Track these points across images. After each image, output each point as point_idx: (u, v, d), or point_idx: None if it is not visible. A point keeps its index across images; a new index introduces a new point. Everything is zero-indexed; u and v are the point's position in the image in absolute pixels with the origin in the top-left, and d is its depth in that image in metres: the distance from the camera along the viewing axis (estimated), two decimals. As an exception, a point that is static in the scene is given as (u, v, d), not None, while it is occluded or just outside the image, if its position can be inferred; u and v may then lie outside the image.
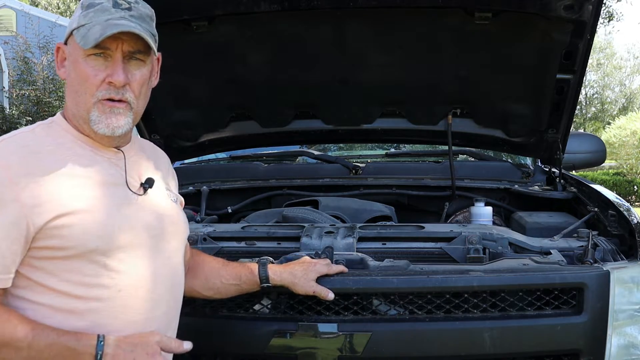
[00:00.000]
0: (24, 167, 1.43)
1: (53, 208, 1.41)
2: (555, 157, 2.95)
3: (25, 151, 1.47)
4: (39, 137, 1.52)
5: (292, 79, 2.91)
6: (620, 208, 2.37)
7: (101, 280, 1.46)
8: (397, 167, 3.46)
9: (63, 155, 1.50)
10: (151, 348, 1.43)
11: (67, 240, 1.42)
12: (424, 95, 3.00)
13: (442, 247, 2.22)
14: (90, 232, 1.44)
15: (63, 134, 1.55)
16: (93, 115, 1.51)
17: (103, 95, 1.50)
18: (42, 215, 1.40)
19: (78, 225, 1.42)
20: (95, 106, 1.51)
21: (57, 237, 1.42)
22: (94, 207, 1.46)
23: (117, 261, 1.48)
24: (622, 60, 38.62)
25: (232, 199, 3.21)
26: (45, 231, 1.41)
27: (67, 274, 1.44)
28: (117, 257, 1.48)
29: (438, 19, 2.56)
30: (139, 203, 1.57)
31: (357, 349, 1.86)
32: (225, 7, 2.50)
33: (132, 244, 1.51)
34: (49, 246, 1.42)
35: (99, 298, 1.46)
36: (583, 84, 5.83)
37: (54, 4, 26.54)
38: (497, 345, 1.88)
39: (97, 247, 1.44)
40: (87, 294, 1.45)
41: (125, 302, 1.49)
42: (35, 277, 1.44)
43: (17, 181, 1.41)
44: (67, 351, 1.38)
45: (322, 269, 1.89)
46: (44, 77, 12.87)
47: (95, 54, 1.49)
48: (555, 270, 1.97)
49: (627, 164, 15.99)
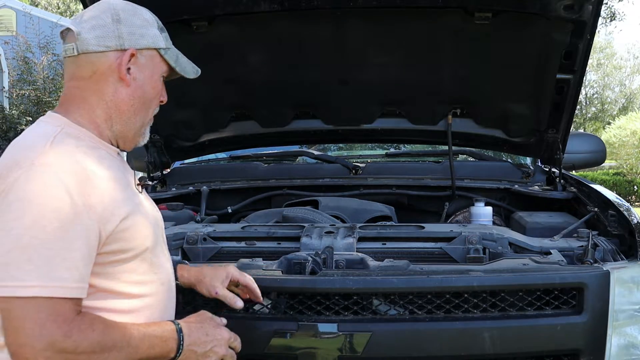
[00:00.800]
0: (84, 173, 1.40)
1: (117, 212, 1.43)
2: (555, 157, 2.95)
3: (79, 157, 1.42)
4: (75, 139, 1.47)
5: (292, 79, 2.91)
6: (620, 208, 2.37)
7: (150, 277, 1.54)
8: (397, 167, 3.46)
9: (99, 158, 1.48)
10: (214, 321, 1.63)
11: (129, 242, 1.46)
12: (424, 95, 3.00)
13: (442, 247, 2.23)
14: (144, 232, 1.51)
15: (83, 137, 1.50)
16: (147, 128, 1.64)
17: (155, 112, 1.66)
18: (110, 220, 1.41)
19: (135, 226, 1.47)
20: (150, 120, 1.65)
21: (122, 240, 1.44)
22: (136, 208, 1.51)
23: (156, 257, 1.57)
24: (622, 60, 38.62)
25: (232, 199, 3.21)
26: (113, 235, 1.42)
27: (126, 275, 1.47)
28: (156, 253, 1.57)
29: (438, 19, 2.56)
30: (144, 202, 1.62)
31: (357, 349, 1.86)
32: (225, 7, 2.50)
33: (158, 239, 1.60)
34: (114, 250, 1.43)
35: (149, 294, 1.53)
36: (583, 84, 5.84)
37: (54, 4, 26.55)
38: (497, 345, 1.88)
39: (149, 245, 1.52)
40: (141, 292, 1.51)
41: (164, 296, 1.59)
42: (97, 283, 1.42)
43: (83, 186, 1.37)
44: (156, 339, 1.47)
45: (235, 273, 1.84)
46: (44, 77, 12.85)
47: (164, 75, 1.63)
48: (555, 270, 1.97)
49: (627, 164, 15.98)
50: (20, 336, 1.29)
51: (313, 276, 1.94)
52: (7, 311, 1.30)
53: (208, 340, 1.57)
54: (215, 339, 1.59)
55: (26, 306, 1.29)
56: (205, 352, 1.56)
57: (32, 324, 1.29)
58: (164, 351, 1.49)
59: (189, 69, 1.68)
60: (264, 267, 2.01)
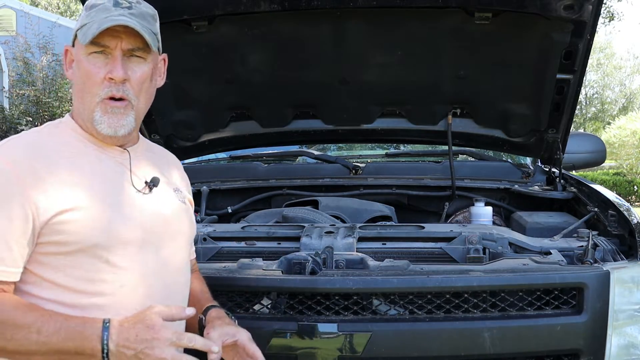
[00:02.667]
0: (29, 164, 1.46)
1: (56, 204, 1.44)
2: (555, 157, 2.95)
3: (31, 148, 1.50)
4: (45, 136, 1.57)
5: (292, 79, 2.91)
6: (620, 208, 2.37)
7: (103, 275, 1.48)
8: (397, 167, 3.46)
9: (68, 152, 1.54)
10: (150, 320, 1.42)
11: (70, 235, 1.44)
12: (424, 95, 3.00)
13: (442, 247, 2.22)
14: (91, 227, 1.46)
15: (70, 132, 1.58)
16: (96, 115, 1.54)
17: (105, 94, 1.53)
18: (46, 210, 1.43)
19: (80, 221, 1.45)
20: (99, 106, 1.54)
21: (61, 233, 1.44)
22: (95, 204, 1.48)
23: (119, 257, 1.50)
24: (622, 60, 38.64)
25: (232, 199, 3.21)
26: (49, 226, 1.44)
27: (71, 270, 1.46)
28: (119, 253, 1.50)
29: (438, 19, 2.56)
30: (143, 201, 1.59)
31: (357, 349, 1.86)
32: (225, 7, 2.50)
33: (134, 240, 1.53)
34: (53, 241, 1.45)
35: (102, 293, 1.48)
36: (583, 84, 5.83)
37: (54, 4, 26.55)
38: (497, 345, 1.88)
39: (98, 242, 1.46)
40: (90, 289, 1.47)
41: (126, 298, 1.50)
42: (41, 272, 1.46)
43: (23, 177, 1.44)
44: (75, 333, 1.39)
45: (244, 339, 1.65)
46: (43, 77, 12.86)
47: (96, 51, 1.52)
48: (555, 270, 1.97)
49: (627, 164, 15.99)
50: None
51: (313, 276, 1.94)
52: None
53: (138, 341, 1.38)
54: (145, 340, 1.39)
55: None
56: (134, 354, 1.38)
57: None
58: (85, 347, 1.38)
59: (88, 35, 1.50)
60: (264, 267, 2.00)
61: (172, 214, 1.66)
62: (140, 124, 1.68)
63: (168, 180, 1.72)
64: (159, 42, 1.62)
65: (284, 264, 2.02)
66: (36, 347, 1.39)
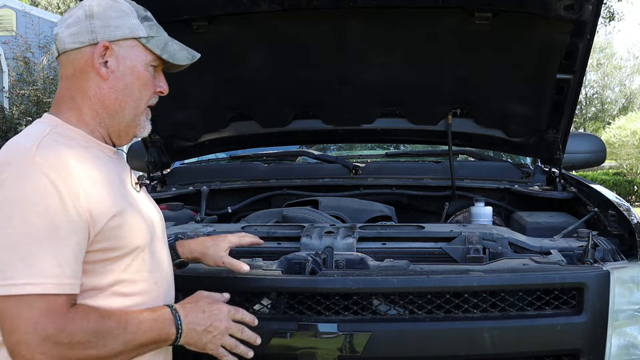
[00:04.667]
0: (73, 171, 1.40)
1: (107, 210, 1.43)
2: (555, 157, 2.95)
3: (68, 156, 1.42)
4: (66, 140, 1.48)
5: (292, 79, 2.91)
6: (620, 208, 2.37)
7: (143, 275, 1.53)
8: (397, 167, 3.46)
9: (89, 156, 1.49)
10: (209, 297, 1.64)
11: (120, 240, 1.46)
12: (424, 95, 3.00)
13: (442, 247, 2.22)
14: (135, 230, 1.50)
15: (74, 136, 1.52)
16: (142, 119, 1.62)
17: (151, 103, 1.63)
18: (99, 218, 1.41)
19: (126, 225, 1.47)
20: (145, 111, 1.62)
21: (112, 239, 1.44)
22: (129, 206, 1.51)
23: (150, 255, 1.55)
24: (622, 60, 38.60)
25: (232, 199, 3.21)
26: (103, 233, 1.43)
27: (117, 273, 1.47)
28: (150, 252, 1.56)
29: (438, 19, 2.56)
30: (141, 199, 1.63)
31: (357, 349, 1.86)
32: (225, 7, 2.50)
33: (153, 239, 1.58)
34: (104, 248, 1.44)
35: (141, 293, 1.52)
36: (583, 84, 5.83)
37: (54, 4, 26.54)
38: (497, 345, 1.88)
39: (140, 244, 1.51)
40: (133, 290, 1.50)
41: (159, 293, 1.57)
42: (87, 281, 1.43)
43: (72, 184, 1.38)
44: (153, 322, 1.47)
45: (234, 239, 1.93)
46: (44, 77, 12.86)
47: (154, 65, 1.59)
48: (555, 270, 1.97)
49: (627, 164, 16.00)
50: (15, 334, 1.30)
51: (313, 276, 1.94)
52: (2, 310, 1.31)
53: (206, 317, 1.56)
54: (212, 314, 1.58)
55: (19, 304, 1.30)
56: (205, 329, 1.55)
57: (26, 322, 1.30)
58: (163, 334, 1.49)
59: (180, 56, 1.63)
60: (264, 267, 2.00)
61: (156, 209, 1.71)
62: None
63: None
64: None
65: (284, 264, 2.02)
66: (123, 347, 1.42)
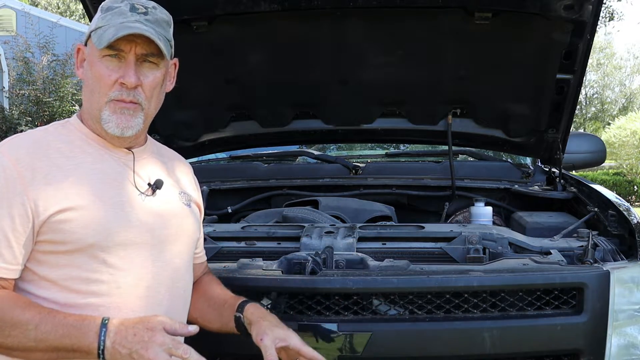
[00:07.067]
0: (30, 162, 1.48)
1: (56, 202, 1.45)
2: (555, 157, 2.95)
3: (34, 146, 1.52)
4: (50, 135, 1.58)
5: (292, 79, 2.91)
6: (620, 208, 2.37)
7: (100, 276, 1.48)
8: (397, 167, 3.46)
9: (71, 152, 1.55)
10: (151, 323, 1.42)
11: (68, 234, 1.45)
12: (424, 95, 3.00)
13: (442, 247, 2.22)
14: (89, 227, 1.47)
15: (75, 132, 1.60)
16: (104, 114, 1.55)
17: (115, 96, 1.54)
18: (45, 209, 1.45)
19: (78, 220, 1.46)
20: (107, 105, 1.55)
21: (59, 232, 1.45)
22: (95, 204, 1.49)
23: (116, 258, 1.50)
24: (622, 60, 38.66)
25: (232, 199, 3.21)
26: (48, 225, 1.45)
27: (69, 269, 1.47)
28: (117, 254, 1.50)
29: (438, 19, 2.56)
30: (145, 203, 1.58)
31: (357, 349, 1.86)
32: (225, 7, 2.50)
33: (134, 242, 1.52)
34: (51, 240, 1.46)
35: (97, 293, 1.48)
36: (583, 84, 5.83)
37: (54, 4, 26.55)
38: (497, 345, 1.88)
39: (95, 242, 1.47)
40: (85, 289, 1.47)
41: (123, 300, 1.50)
42: (39, 271, 1.48)
43: (24, 175, 1.46)
44: (72, 329, 1.40)
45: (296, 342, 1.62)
46: (43, 77, 12.85)
47: (110, 55, 1.53)
48: (555, 270, 1.97)
49: (627, 164, 16.00)
50: None
51: (313, 276, 1.94)
52: None
53: (134, 340, 1.38)
54: (141, 340, 1.38)
55: None
56: (129, 354, 1.37)
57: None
58: (82, 344, 1.39)
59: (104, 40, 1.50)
60: (264, 267, 2.01)
61: (174, 217, 1.64)
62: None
63: (174, 183, 1.71)
64: (172, 48, 1.62)
65: (284, 264, 2.02)
66: (34, 344, 1.40)
